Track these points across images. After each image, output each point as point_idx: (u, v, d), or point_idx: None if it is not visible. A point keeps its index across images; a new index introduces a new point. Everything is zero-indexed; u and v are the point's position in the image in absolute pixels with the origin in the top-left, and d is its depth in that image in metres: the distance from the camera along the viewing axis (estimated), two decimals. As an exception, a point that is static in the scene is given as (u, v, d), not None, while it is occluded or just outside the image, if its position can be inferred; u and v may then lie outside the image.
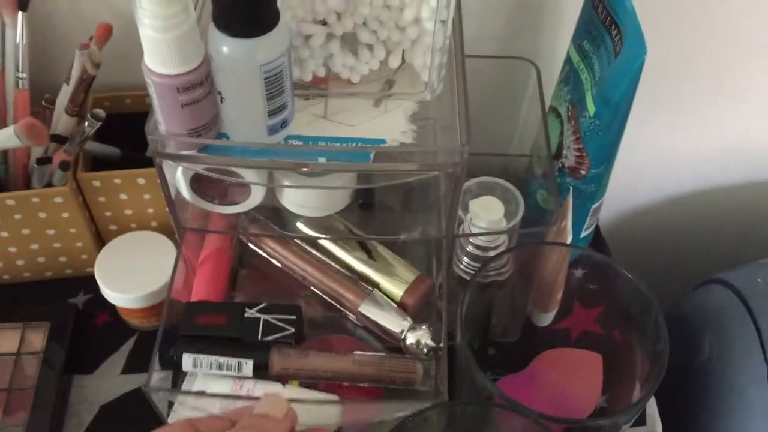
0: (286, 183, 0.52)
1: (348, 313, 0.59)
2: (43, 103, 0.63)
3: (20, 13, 0.60)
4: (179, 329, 0.53)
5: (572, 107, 0.61)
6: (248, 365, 0.52)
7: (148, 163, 0.60)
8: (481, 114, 0.74)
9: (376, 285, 0.59)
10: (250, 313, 0.54)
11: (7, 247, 0.65)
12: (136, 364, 0.65)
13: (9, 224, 0.63)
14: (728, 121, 0.79)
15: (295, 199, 0.55)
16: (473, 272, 0.60)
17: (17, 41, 0.61)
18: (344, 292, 0.59)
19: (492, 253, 0.60)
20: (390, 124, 0.51)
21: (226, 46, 0.43)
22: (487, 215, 0.58)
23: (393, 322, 0.57)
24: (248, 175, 0.51)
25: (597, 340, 0.62)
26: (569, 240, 0.60)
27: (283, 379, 0.53)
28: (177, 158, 0.48)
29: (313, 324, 0.59)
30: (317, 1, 0.47)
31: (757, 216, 0.91)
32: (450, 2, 0.47)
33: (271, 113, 0.46)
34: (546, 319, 0.65)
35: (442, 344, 0.54)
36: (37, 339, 0.65)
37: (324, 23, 0.48)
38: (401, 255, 0.61)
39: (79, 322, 0.67)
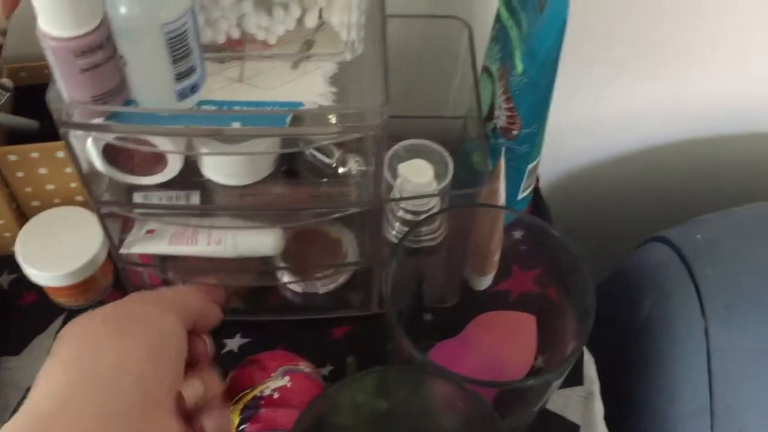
0: (204, 150, 0.51)
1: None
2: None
3: None
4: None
5: (502, 66, 0.60)
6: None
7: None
8: (415, 76, 0.72)
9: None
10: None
11: None
12: (65, 343, 0.63)
13: None
14: (661, 77, 0.79)
15: (215, 167, 0.53)
16: (402, 237, 0.59)
17: None
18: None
19: (424, 217, 0.59)
20: (308, 87, 0.50)
21: (123, 6, 0.41)
22: (415, 178, 0.57)
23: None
24: (162, 143, 0.49)
25: (535, 302, 0.62)
26: (502, 202, 0.59)
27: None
28: (83, 127, 0.46)
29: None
30: (224, -43, 0.45)
31: (699, 172, 0.91)
32: (363, -44, 0.46)
33: (179, 77, 0.44)
34: (484, 282, 0.64)
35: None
36: (-41, 321, 0.62)
37: (234, -19, 0.46)
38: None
39: (5, 303, 0.65)
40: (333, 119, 0.48)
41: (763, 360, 0.67)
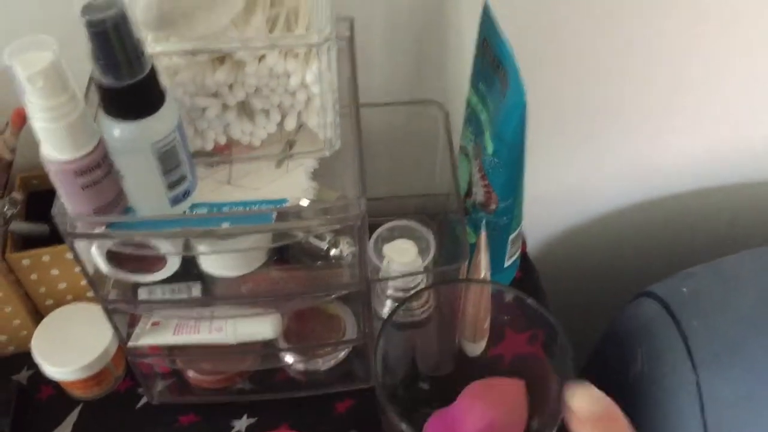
0: (200, 248, 0.55)
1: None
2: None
3: (-64, 106, 0.62)
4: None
5: (476, 146, 0.64)
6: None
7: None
8: (402, 157, 0.77)
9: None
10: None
11: (-55, 331, 0.67)
12: (82, 434, 0.66)
13: (-57, 310, 0.65)
14: (633, 140, 0.83)
15: (211, 262, 0.57)
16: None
17: (-65, 133, 0.63)
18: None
19: (409, 295, 0.62)
20: (292, 184, 0.54)
21: (116, 130, 0.45)
22: (400, 258, 0.60)
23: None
24: (160, 245, 0.53)
25: (529, 363, 0.64)
26: (485, 273, 0.63)
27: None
28: (86, 237, 0.50)
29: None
30: (206, 76, 0.49)
31: (681, 226, 0.94)
32: (331, 65, 0.50)
33: (171, 186, 0.49)
34: (477, 348, 0.67)
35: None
36: (-18, 419, 0.66)
37: (216, 95, 0.51)
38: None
39: (23, 398, 0.68)
40: (314, 213, 0.52)
41: (756, 407, 0.68)
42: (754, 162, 0.88)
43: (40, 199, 0.69)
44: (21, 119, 0.62)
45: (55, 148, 0.45)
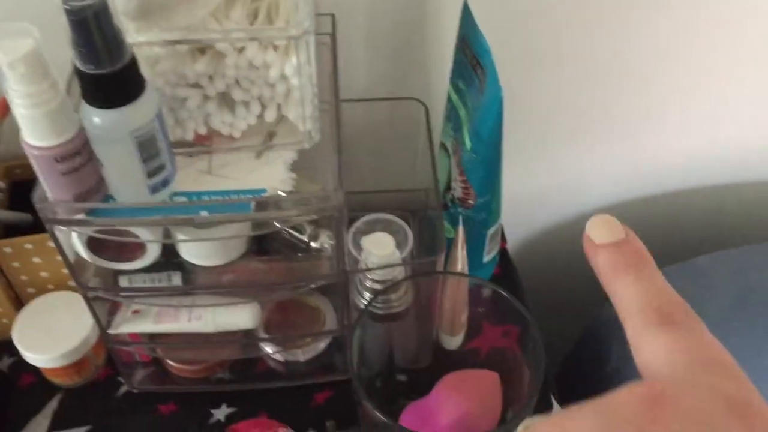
0: (179, 237, 0.55)
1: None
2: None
3: None
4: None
5: (455, 142, 0.65)
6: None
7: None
8: (382, 152, 0.78)
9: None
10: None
11: (-74, 318, 0.67)
12: (62, 421, 0.67)
13: (-75, 296, 0.65)
14: (611, 140, 0.84)
15: (191, 250, 0.58)
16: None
17: None
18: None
19: (386, 286, 0.63)
20: (271, 174, 0.55)
21: (96, 117, 0.46)
22: (377, 251, 0.61)
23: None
24: (140, 232, 0.54)
25: (504, 356, 0.65)
26: (462, 266, 0.64)
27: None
28: (66, 223, 0.51)
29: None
30: (186, 66, 0.50)
31: (657, 227, 0.95)
32: (311, 58, 0.51)
33: (150, 174, 0.50)
34: (455, 342, 0.68)
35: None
36: (-38, 405, 0.66)
37: (197, 85, 0.52)
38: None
39: (4, 385, 0.69)
40: (292, 203, 0.53)
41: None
42: (733, 164, 0.90)
43: (23, 188, 0.69)
44: (4, 109, 0.63)
45: (35, 134, 0.46)
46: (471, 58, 0.60)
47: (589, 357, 0.81)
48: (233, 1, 0.51)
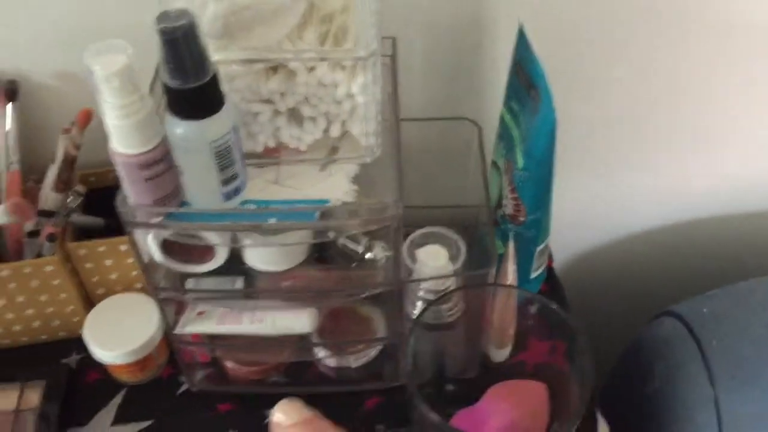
0: (246, 242, 0.59)
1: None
2: (29, 183, 0.70)
3: (9, 104, 0.68)
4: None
5: (507, 161, 0.68)
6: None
7: (129, 231, 0.67)
8: (435, 170, 0.81)
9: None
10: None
11: (4, 314, 0.72)
12: (125, 416, 0.71)
13: (5, 293, 0.70)
14: (661, 164, 0.86)
15: (256, 256, 0.61)
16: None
17: (7, 129, 0.68)
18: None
19: (439, 297, 0.66)
20: (334, 186, 0.58)
21: (179, 128, 0.50)
22: (431, 262, 0.64)
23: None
24: (211, 237, 0.57)
25: (550, 372, 0.67)
26: (512, 281, 0.66)
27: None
28: (145, 226, 0.55)
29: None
30: (260, 83, 0.54)
31: (704, 249, 0.96)
32: (377, 78, 0.54)
33: (224, 182, 0.53)
34: (502, 354, 0.70)
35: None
36: (34, 397, 0.70)
37: (269, 101, 0.55)
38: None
39: (72, 381, 0.73)
40: (354, 213, 0.56)
41: (772, 425, 0.70)
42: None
43: (96, 195, 0.74)
44: (86, 119, 0.68)
45: (123, 142, 0.50)
46: (525, 81, 0.63)
47: (632, 375, 0.83)
48: (305, 24, 0.55)
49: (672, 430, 0.75)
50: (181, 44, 0.46)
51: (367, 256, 0.66)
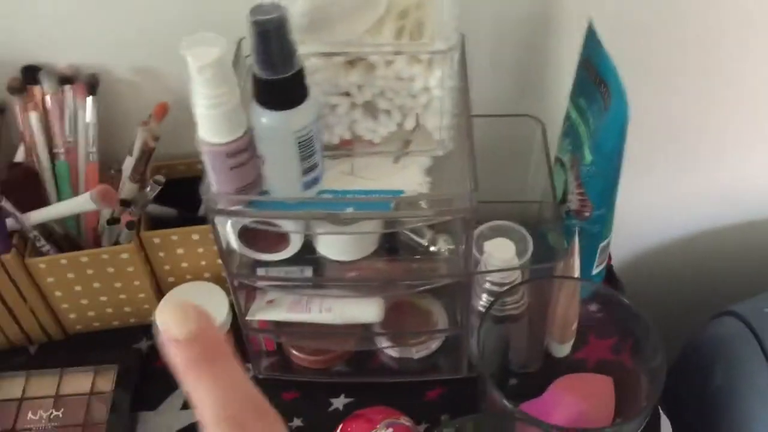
0: (320, 231, 0.60)
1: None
2: (111, 172, 0.72)
3: (90, 97, 0.71)
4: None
5: (573, 157, 0.68)
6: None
7: (200, 221, 0.70)
8: (496, 166, 0.82)
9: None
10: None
11: (79, 299, 0.74)
12: (194, 401, 0.73)
13: (82, 279, 0.72)
14: (721, 164, 0.86)
15: (329, 245, 0.63)
16: (489, 307, 0.67)
17: (87, 121, 0.71)
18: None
19: (507, 288, 0.66)
20: (408, 177, 0.59)
21: (265, 118, 0.52)
22: (499, 254, 0.65)
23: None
24: (287, 225, 0.59)
25: (611, 369, 0.68)
26: (576, 275, 0.67)
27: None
28: (227, 213, 0.57)
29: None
30: (340, 76, 0.56)
31: (763, 252, 0.96)
32: (453, 72, 0.56)
33: (305, 171, 0.55)
34: (563, 350, 0.71)
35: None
36: (107, 381, 0.73)
37: (347, 94, 0.57)
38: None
39: (144, 366, 0.75)
40: (428, 204, 0.57)
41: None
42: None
43: (166, 186, 0.76)
44: (163, 111, 0.70)
45: (212, 132, 0.52)
46: (594, 77, 0.64)
47: (692, 374, 0.83)
48: (384, 19, 0.56)
49: (734, 429, 0.75)
50: (272, 36, 0.48)
51: (432, 248, 0.68)
